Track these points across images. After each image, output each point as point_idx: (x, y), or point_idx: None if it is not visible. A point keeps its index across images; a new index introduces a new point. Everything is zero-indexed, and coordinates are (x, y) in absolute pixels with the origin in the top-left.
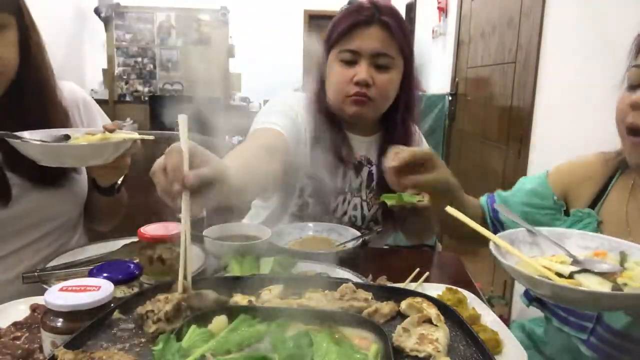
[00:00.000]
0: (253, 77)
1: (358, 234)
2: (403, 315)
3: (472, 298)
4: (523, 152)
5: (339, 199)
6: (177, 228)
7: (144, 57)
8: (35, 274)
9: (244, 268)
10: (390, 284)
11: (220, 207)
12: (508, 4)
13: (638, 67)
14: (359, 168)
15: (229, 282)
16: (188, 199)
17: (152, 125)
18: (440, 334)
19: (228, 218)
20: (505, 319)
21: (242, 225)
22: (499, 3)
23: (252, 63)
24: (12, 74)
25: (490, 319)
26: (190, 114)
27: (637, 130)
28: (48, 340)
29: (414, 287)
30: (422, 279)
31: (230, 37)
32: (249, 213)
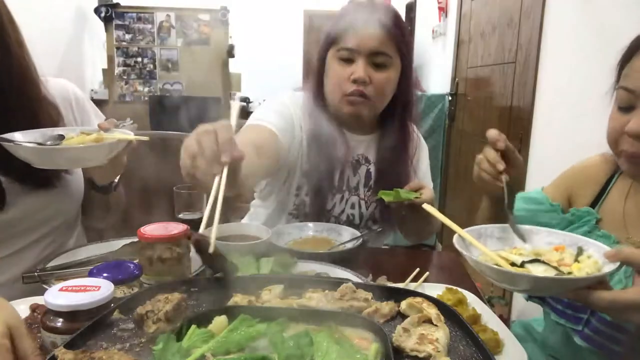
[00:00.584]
0: (253, 77)
1: (358, 234)
2: (403, 315)
3: (472, 298)
4: (523, 152)
5: (337, 197)
6: (177, 228)
7: (144, 57)
8: (35, 274)
9: (244, 268)
10: (390, 284)
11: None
12: (508, 4)
13: (625, 89)
14: (357, 166)
15: (229, 282)
16: (226, 171)
17: (152, 125)
18: (440, 334)
19: (228, 218)
20: (505, 319)
21: (242, 225)
22: (499, 3)
23: (252, 63)
24: None
25: (490, 319)
26: (190, 114)
27: (634, 155)
28: (48, 340)
29: (414, 287)
30: (422, 279)
31: (230, 37)
32: (249, 213)
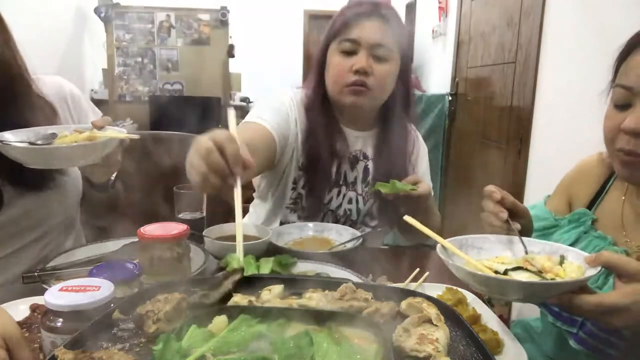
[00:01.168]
0: (253, 77)
1: (358, 234)
2: (403, 315)
3: (472, 298)
4: (523, 152)
5: (334, 191)
6: (177, 228)
7: (144, 57)
8: (35, 274)
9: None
10: (390, 284)
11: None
12: (508, 4)
13: (622, 86)
14: (355, 162)
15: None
16: (240, 182)
17: (152, 125)
18: (440, 334)
19: (228, 218)
20: (505, 319)
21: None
22: (499, 3)
23: (252, 63)
24: None
25: (490, 319)
26: (190, 114)
27: (631, 152)
28: (48, 340)
29: (414, 287)
30: (422, 279)
31: (230, 37)
32: (249, 213)
